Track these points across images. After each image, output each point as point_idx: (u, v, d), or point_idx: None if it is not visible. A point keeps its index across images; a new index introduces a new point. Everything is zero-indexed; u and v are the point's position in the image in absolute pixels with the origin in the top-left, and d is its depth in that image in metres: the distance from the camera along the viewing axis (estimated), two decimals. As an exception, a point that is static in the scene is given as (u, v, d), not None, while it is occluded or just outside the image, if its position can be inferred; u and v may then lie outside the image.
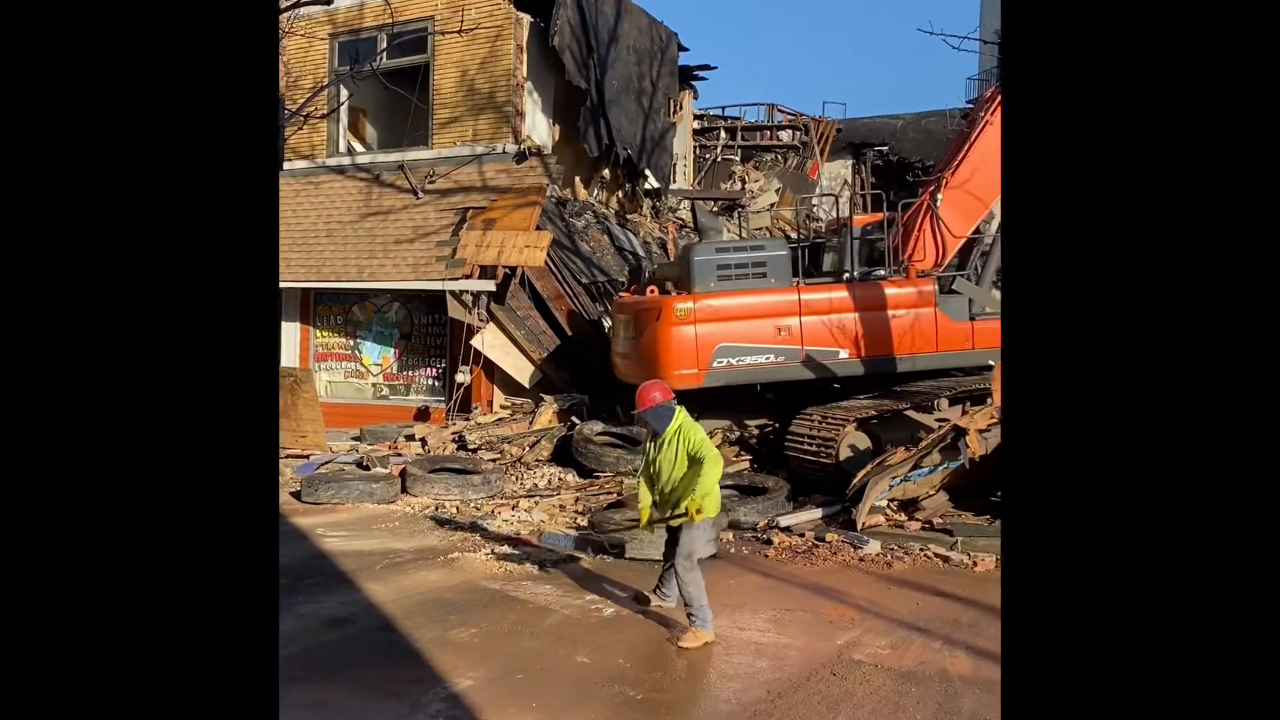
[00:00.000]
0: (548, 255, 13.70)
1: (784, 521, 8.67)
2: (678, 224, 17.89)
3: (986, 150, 11.07)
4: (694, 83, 21.36)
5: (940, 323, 10.85)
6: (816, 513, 8.91)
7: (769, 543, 8.16)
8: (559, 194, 15.30)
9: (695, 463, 5.81)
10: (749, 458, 10.84)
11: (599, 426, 11.35)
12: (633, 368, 11.22)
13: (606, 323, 13.39)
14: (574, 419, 12.06)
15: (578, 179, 16.35)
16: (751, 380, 10.75)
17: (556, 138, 16.47)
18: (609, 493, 10.11)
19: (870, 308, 10.74)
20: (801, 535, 8.34)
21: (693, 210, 14.42)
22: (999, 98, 11.20)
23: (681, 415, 5.97)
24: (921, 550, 7.76)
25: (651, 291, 11.12)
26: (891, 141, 23.35)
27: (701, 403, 10.88)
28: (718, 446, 10.98)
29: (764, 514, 8.85)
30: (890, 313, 10.78)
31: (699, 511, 5.74)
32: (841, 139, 23.18)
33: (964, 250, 11.40)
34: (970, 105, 25.68)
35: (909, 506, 8.84)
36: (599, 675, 5.30)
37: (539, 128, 15.98)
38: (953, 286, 10.86)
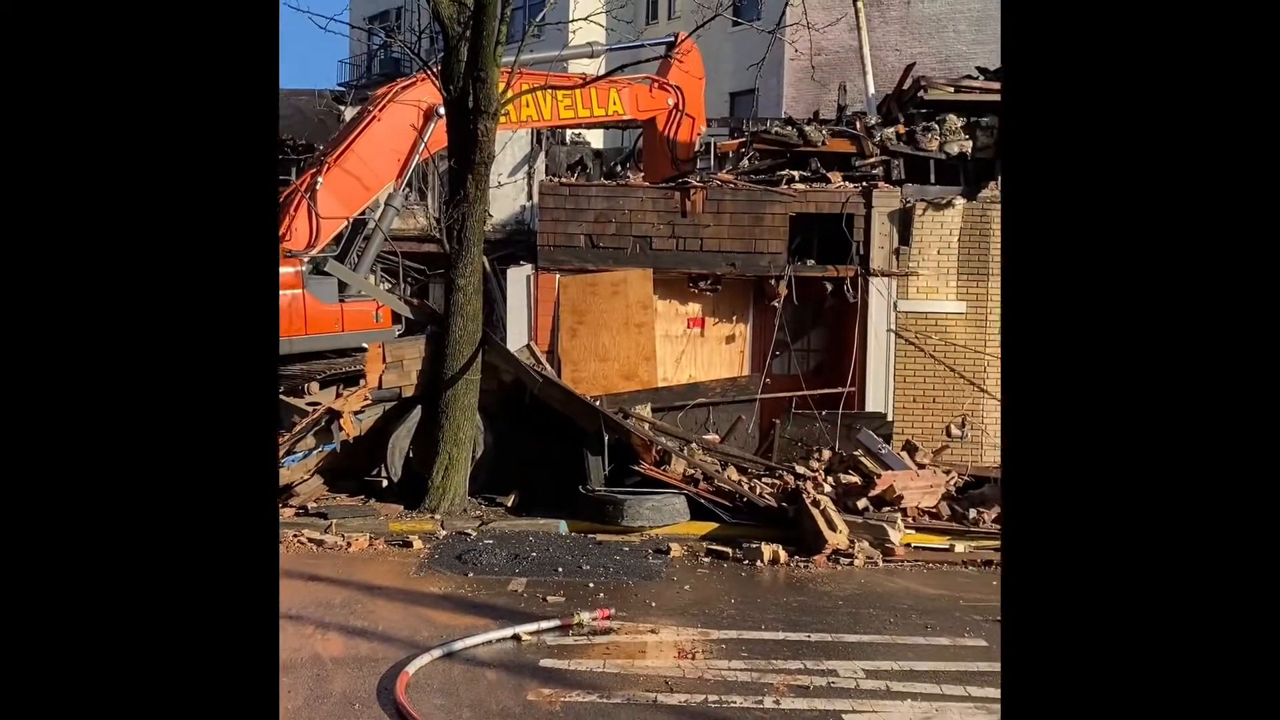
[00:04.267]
0: None
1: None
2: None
3: (375, 141, 11.16)
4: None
5: (309, 305, 10.73)
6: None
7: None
8: None
9: None
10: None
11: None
12: None
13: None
14: None
15: None
16: None
17: None
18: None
19: None
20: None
21: None
22: (390, 94, 11.38)
23: None
24: (295, 536, 7.62)
25: None
26: (262, 116, 22.40)
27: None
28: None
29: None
30: None
31: None
32: (206, 107, 21.63)
33: (340, 234, 11.38)
34: (343, 88, 25.78)
35: (283, 493, 8.63)
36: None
37: None
38: (325, 268, 10.79)
